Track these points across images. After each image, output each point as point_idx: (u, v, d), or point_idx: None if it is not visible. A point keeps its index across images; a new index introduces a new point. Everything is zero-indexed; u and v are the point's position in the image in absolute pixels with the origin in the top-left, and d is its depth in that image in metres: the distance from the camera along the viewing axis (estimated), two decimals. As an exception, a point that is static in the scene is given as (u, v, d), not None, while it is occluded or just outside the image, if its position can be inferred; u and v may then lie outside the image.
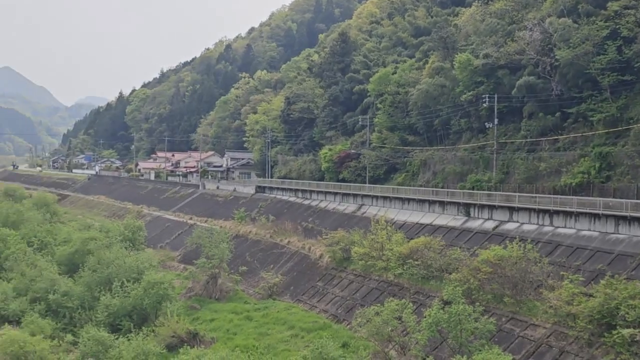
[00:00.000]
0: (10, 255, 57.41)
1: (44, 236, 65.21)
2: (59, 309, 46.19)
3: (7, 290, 49.38)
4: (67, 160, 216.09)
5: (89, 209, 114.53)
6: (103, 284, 46.95)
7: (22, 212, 79.61)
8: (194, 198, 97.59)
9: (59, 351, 39.08)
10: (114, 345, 36.62)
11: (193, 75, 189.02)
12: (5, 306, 47.14)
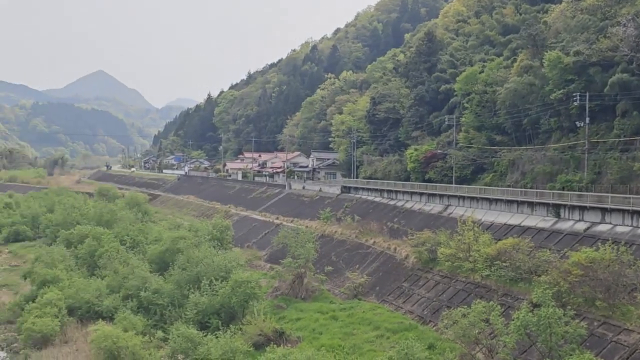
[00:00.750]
0: (104, 253, 59.33)
1: (135, 235, 67.05)
2: (150, 306, 47.43)
3: (101, 287, 51.08)
4: (157, 161, 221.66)
5: (178, 209, 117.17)
6: (192, 282, 47.92)
7: (115, 212, 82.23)
8: (280, 198, 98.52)
9: (149, 347, 40.10)
10: (203, 343, 37.33)
11: (279, 76, 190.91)
12: (99, 302, 48.76)
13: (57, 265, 57.11)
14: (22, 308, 50.96)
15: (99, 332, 39.98)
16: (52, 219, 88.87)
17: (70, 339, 44.92)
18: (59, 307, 47.38)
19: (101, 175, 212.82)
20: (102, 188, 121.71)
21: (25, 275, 60.58)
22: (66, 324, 46.65)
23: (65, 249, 64.74)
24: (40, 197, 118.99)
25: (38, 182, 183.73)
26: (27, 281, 59.73)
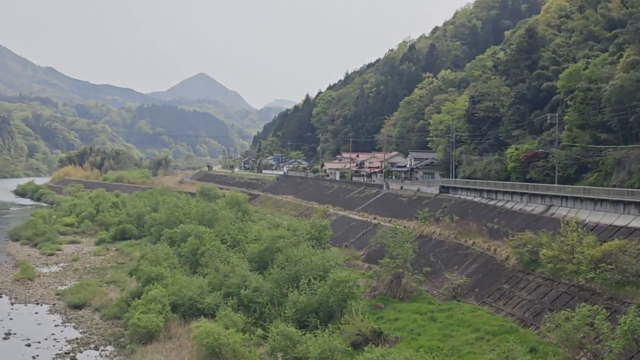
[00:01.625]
0: (205, 251, 60.74)
1: (236, 234, 68.27)
2: (250, 304, 48.19)
3: (203, 285, 52.29)
4: (257, 161, 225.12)
5: (277, 208, 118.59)
6: (291, 281, 48.42)
7: (216, 211, 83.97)
8: (377, 198, 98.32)
9: (250, 344, 40.77)
10: (302, 341, 37.66)
11: (377, 76, 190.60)
12: (201, 300, 49.92)
13: (161, 263, 58.84)
14: (128, 304, 52.81)
15: (201, 329, 40.93)
16: (157, 218, 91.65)
17: (174, 335, 46.19)
18: (163, 303, 48.80)
19: (203, 175, 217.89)
20: (204, 188, 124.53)
21: (131, 272, 62.73)
22: (170, 320, 48.00)
23: (168, 247, 66.64)
24: (145, 197, 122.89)
25: (143, 182, 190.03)
26: (132, 278, 61.82)
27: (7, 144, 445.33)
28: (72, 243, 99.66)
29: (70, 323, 53.48)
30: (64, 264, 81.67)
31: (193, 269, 60.53)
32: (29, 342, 47.78)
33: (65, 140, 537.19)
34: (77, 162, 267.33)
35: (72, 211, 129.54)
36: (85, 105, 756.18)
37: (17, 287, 67.10)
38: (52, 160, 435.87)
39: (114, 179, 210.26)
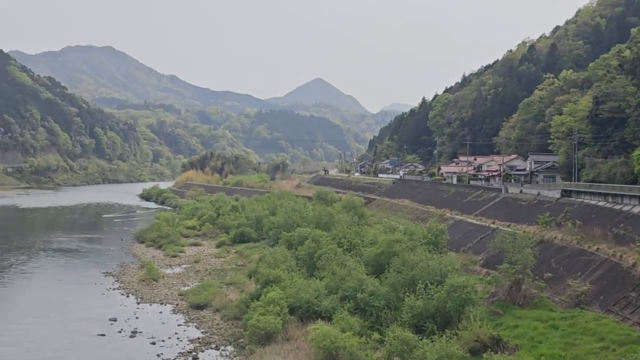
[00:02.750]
0: (322, 254, 61.21)
1: (352, 237, 68.45)
2: (366, 307, 48.19)
3: (320, 288, 52.73)
4: (372, 165, 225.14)
5: (393, 212, 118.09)
6: (407, 285, 48.12)
7: (333, 215, 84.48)
8: (495, 202, 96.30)
9: (366, 348, 40.80)
10: (418, 346, 37.37)
11: (495, 78, 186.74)
12: (318, 303, 50.35)
13: (279, 266, 59.75)
14: (247, 305, 53.90)
15: (318, 332, 41.29)
16: (275, 221, 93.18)
17: (292, 336, 46.79)
18: (281, 305, 49.55)
19: (319, 179, 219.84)
20: (320, 192, 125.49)
21: (250, 274, 64.01)
22: (287, 322, 48.64)
23: (286, 250, 67.60)
24: (264, 201, 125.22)
25: (261, 186, 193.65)
26: (251, 280, 63.07)
27: (133, 149, 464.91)
28: (193, 245, 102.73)
29: (192, 323, 55.15)
30: (186, 266, 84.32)
31: (310, 272, 61.12)
32: (154, 340, 49.60)
33: (187, 146, 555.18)
34: (198, 167, 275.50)
35: (193, 214, 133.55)
36: (206, 112, 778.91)
37: (143, 287, 69.81)
38: (175, 164, 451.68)
39: (234, 183, 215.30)
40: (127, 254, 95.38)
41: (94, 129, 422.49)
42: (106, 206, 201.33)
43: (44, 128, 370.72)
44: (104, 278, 75.76)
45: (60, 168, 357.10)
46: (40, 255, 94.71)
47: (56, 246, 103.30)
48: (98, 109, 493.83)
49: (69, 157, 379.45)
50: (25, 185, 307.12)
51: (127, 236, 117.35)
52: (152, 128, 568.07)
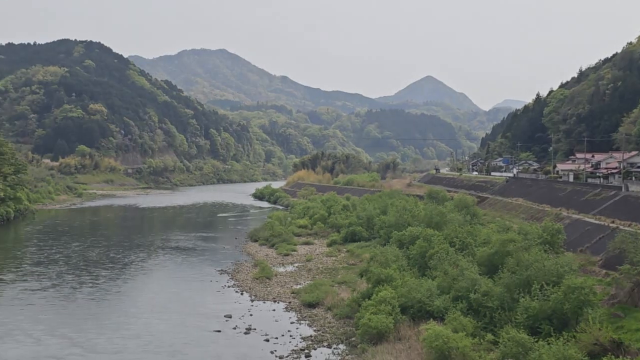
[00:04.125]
0: (434, 254, 60.61)
1: (464, 237, 67.41)
2: (480, 308, 47.37)
3: (432, 288, 52.23)
4: (485, 163, 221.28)
5: (506, 211, 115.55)
6: (522, 286, 46.99)
7: (445, 214, 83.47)
8: (615, 200, 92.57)
9: (479, 349, 40.13)
10: (534, 348, 36.44)
11: (613, 72, 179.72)
12: (430, 302, 49.90)
13: (390, 265, 59.59)
14: (359, 304, 54.02)
15: (430, 332, 40.93)
16: (385, 221, 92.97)
17: (403, 336, 46.56)
18: (392, 305, 49.39)
19: (430, 178, 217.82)
20: (432, 191, 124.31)
21: (361, 273, 64.15)
22: (399, 321, 48.46)
23: (397, 250, 67.33)
24: (374, 200, 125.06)
25: (372, 186, 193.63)
26: (362, 279, 63.17)
27: (246, 150, 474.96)
28: (305, 244, 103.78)
29: (305, 321, 55.73)
30: (299, 264, 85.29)
31: (422, 272, 60.66)
32: (267, 337, 50.45)
33: (298, 146, 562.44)
34: (309, 166, 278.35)
35: (305, 213, 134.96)
36: (317, 112, 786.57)
37: (257, 285, 71.12)
38: (286, 164, 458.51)
39: (344, 183, 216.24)
40: (241, 253, 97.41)
41: (209, 130, 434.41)
42: (221, 206, 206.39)
43: (162, 130, 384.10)
44: (219, 276, 77.67)
45: (177, 169, 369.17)
46: (159, 252, 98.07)
47: (174, 244, 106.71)
48: (212, 111, 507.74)
49: (185, 158, 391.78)
50: (144, 186, 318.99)
51: (241, 235, 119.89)
52: (265, 129, 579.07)
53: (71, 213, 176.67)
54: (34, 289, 69.91)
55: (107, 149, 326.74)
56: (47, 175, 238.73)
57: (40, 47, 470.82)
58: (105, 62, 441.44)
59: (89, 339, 50.39)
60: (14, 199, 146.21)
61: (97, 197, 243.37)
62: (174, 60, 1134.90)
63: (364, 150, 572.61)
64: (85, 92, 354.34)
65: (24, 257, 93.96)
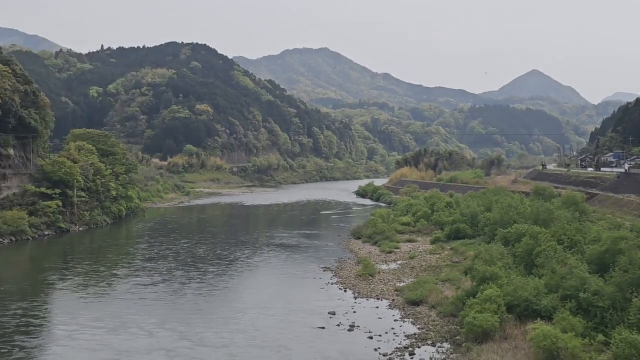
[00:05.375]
0: (541, 252, 59.08)
1: (573, 235, 65.41)
2: (590, 308, 45.82)
3: (539, 287, 50.92)
4: (594, 159, 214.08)
5: (618, 208, 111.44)
6: (635, 285, 45.19)
7: (552, 211, 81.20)
8: None
9: (590, 350, 38.88)
10: (649, 350, 35.09)
11: None
12: (537, 301, 48.68)
13: (495, 263, 58.49)
14: (463, 303, 53.27)
15: (537, 331, 39.99)
16: (490, 218, 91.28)
17: (509, 336, 45.64)
18: (498, 304, 48.47)
19: (536, 174, 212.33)
20: (538, 187, 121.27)
21: (465, 271, 63.26)
22: (505, 320, 47.53)
23: (503, 247, 66.02)
24: (478, 197, 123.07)
25: (476, 183, 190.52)
26: (467, 277, 62.29)
27: (349, 148, 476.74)
28: (408, 242, 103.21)
29: (409, 319, 55.44)
30: (402, 262, 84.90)
31: (528, 270, 59.21)
32: (371, 335, 50.48)
33: (401, 143, 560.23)
34: (412, 164, 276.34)
35: (408, 211, 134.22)
36: (419, 109, 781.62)
37: (360, 282, 71.26)
38: (389, 162, 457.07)
39: (448, 180, 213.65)
40: (345, 250, 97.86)
41: (312, 128, 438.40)
42: (324, 203, 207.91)
43: (266, 129, 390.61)
44: (322, 273, 78.27)
45: (280, 167, 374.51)
46: (264, 250, 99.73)
47: (278, 242, 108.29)
48: (315, 109, 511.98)
49: (289, 157, 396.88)
50: (249, 184, 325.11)
51: (344, 232, 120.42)
52: (367, 126, 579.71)
53: (179, 211, 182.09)
54: (146, 284, 72.52)
55: (213, 148, 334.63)
56: (157, 174, 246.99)
57: (150, 51, 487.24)
58: (211, 64, 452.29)
59: (197, 333, 51.83)
60: (125, 197, 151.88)
61: (203, 195, 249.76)
62: (277, 60, 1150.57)
63: (467, 147, 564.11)
64: (192, 93, 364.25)
65: (136, 253, 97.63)
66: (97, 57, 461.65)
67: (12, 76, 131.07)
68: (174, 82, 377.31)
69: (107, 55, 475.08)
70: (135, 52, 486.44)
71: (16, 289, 71.86)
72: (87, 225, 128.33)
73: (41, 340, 51.40)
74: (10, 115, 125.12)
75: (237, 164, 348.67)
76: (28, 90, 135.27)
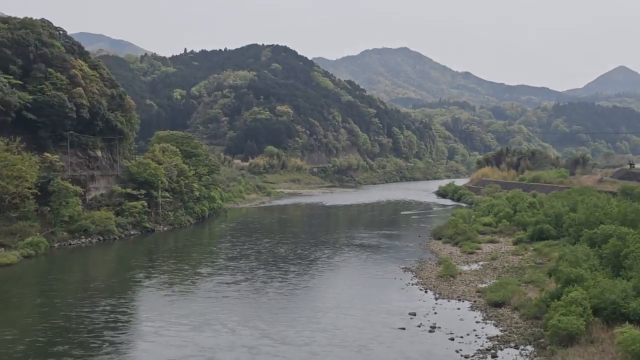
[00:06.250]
0: (629, 253, 57.38)
1: (663, 236, 63.34)
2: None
3: (627, 289, 49.45)
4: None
5: None
6: None
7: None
8: None
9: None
10: None
11: None
12: (625, 304, 47.34)
13: (581, 265, 57.15)
14: (547, 305, 52.21)
15: (626, 335, 38.96)
16: (575, 218, 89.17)
17: (596, 339, 44.50)
18: (583, 306, 47.35)
19: (624, 173, 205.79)
20: (626, 187, 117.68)
21: (549, 272, 61.97)
22: (591, 323, 46.39)
23: (588, 248, 64.42)
24: (562, 197, 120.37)
25: (560, 182, 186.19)
26: (551, 279, 61.04)
27: (429, 147, 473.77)
28: (490, 242, 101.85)
29: (490, 320, 54.73)
30: (483, 263, 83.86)
31: (615, 272, 57.60)
32: (452, 336, 50.06)
33: (482, 142, 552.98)
34: (493, 163, 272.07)
35: (489, 211, 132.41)
36: (500, 107, 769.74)
37: (441, 283, 70.74)
38: (469, 161, 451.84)
39: (530, 179, 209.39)
40: (425, 251, 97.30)
41: (391, 128, 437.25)
42: (404, 203, 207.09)
43: (345, 129, 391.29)
44: (403, 273, 78.03)
45: (360, 167, 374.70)
46: (344, 249, 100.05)
47: (358, 242, 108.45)
48: (395, 109, 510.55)
49: (368, 157, 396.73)
50: (329, 184, 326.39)
51: (424, 233, 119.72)
52: (447, 126, 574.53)
53: (260, 211, 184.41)
54: (229, 282, 73.81)
55: (293, 149, 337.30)
56: (238, 175, 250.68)
57: (231, 53, 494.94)
58: (291, 65, 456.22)
59: (279, 331, 52.45)
60: (208, 198, 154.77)
61: (284, 195, 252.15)
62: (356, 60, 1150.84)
63: (550, 146, 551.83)
64: (273, 95, 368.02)
65: (219, 252, 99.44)
66: (180, 60, 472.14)
67: (99, 80, 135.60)
68: (254, 83, 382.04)
69: (189, 58, 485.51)
70: (217, 54, 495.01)
71: (105, 286, 74.32)
72: (171, 225, 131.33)
73: (128, 335, 53.02)
74: (98, 118, 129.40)
75: (317, 165, 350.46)
76: (114, 93, 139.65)
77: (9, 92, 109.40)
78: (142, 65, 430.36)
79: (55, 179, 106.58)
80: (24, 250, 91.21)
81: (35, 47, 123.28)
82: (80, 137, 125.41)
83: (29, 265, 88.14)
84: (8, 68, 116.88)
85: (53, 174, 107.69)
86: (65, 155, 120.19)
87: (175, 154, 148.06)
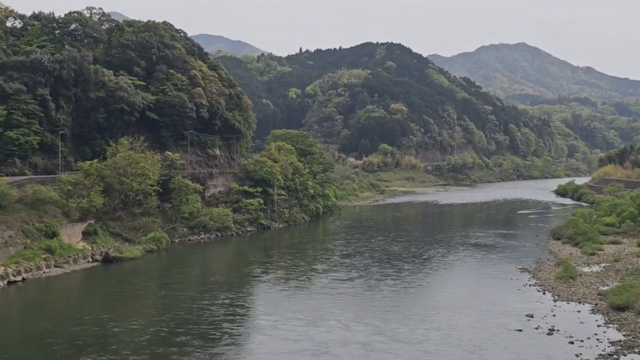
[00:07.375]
0: None
1: None
2: None
3: None
4: None
5: None
6: None
7: None
8: None
9: None
10: None
11: None
12: None
13: None
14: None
15: None
16: None
17: None
18: None
19: None
20: None
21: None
22: None
23: None
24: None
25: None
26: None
27: (547, 145, 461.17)
28: (612, 243, 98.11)
29: (613, 324, 52.71)
30: (605, 264, 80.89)
31: None
32: (572, 339, 48.56)
33: (604, 140, 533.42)
34: (616, 161, 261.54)
35: (612, 211, 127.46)
36: (624, 103, 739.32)
37: (559, 284, 68.75)
38: (591, 159, 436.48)
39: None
40: (543, 251, 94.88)
41: (508, 125, 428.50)
42: (520, 202, 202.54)
43: (460, 127, 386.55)
44: (519, 274, 76.37)
45: (475, 165, 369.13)
46: (458, 248, 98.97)
47: (473, 241, 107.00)
48: (512, 106, 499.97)
49: (484, 154, 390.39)
50: (444, 182, 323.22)
51: (542, 233, 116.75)
52: (567, 122, 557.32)
53: (374, 209, 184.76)
54: (343, 279, 74.46)
55: (407, 147, 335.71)
56: (352, 173, 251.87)
57: (345, 52, 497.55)
58: (405, 63, 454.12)
59: (392, 328, 52.51)
60: (322, 195, 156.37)
61: (398, 193, 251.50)
62: (472, 56, 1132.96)
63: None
64: (387, 93, 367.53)
65: (334, 249, 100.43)
66: (296, 60, 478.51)
67: (218, 80, 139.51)
68: (369, 82, 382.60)
69: (305, 57, 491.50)
70: (331, 53, 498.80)
71: (224, 280, 76.62)
72: (286, 222, 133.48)
73: (246, 328, 54.56)
74: (217, 117, 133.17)
75: (432, 163, 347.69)
76: (232, 93, 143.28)
77: (133, 93, 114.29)
78: (259, 65, 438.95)
79: (176, 176, 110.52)
80: (147, 245, 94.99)
81: (157, 49, 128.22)
82: (200, 136, 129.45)
83: (152, 259, 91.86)
84: (132, 70, 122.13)
85: (174, 172, 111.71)
86: (185, 153, 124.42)
87: (290, 152, 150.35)
